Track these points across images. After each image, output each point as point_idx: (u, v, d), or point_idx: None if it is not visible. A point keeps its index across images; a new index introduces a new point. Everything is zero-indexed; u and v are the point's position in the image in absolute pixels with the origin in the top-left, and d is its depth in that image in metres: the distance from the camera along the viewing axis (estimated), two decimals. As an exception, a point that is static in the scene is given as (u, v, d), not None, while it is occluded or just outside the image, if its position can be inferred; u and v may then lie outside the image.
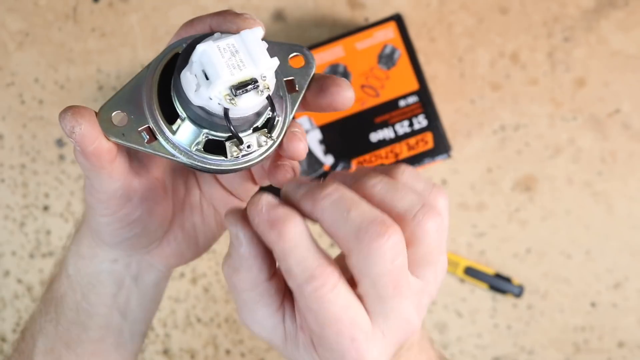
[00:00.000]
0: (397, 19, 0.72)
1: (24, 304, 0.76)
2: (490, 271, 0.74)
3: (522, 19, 0.76)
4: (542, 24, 0.76)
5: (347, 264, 0.34)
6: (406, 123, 0.71)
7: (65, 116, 0.36)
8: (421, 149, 0.71)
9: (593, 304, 0.74)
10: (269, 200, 0.34)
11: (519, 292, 0.73)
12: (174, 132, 0.37)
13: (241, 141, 0.37)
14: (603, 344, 0.74)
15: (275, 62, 0.35)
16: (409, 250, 0.34)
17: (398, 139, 0.71)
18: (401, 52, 0.71)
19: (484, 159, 0.75)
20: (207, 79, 0.34)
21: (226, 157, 0.38)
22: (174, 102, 0.37)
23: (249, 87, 0.34)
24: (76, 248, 0.48)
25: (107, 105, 0.38)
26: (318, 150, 0.71)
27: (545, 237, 0.75)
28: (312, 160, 0.71)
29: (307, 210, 0.35)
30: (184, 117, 0.37)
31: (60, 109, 0.79)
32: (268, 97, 0.36)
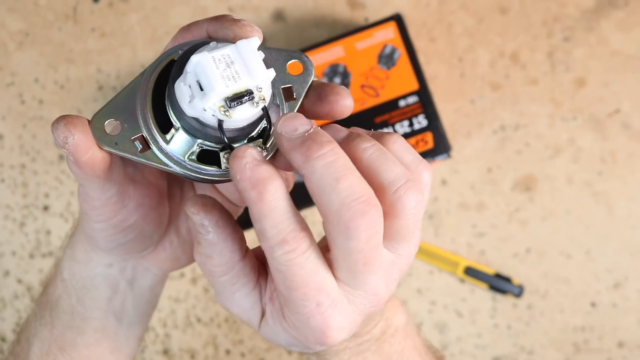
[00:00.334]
0: (397, 19, 0.72)
1: (24, 304, 0.76)
2: (490, 271, 0.74)
3: (522, 19, 0.76)
4: (542, 24, 0.76)
5: (324, 228, 0.35)
6: (406, 123, 0.71)
7: (57, 126, 0.36)
8: (421, 149, 0.71)
9: (593, 304, 0.74)
10: (253, 155, 0.33)
11: (519, 292, 0.73)
12: (167, 142, 0.37)
13: None
14: (603, 344, 0.74)
15: (272, 73, 0.34)
16: (385, 223, 0.35)
17: (398, 139, 0.71)
18: (401, 52, 0.71)
19: (484, 159, 0.75)
20: (201, 89, 0.34)
21: (220, 167, 0.37)
22: (168, 111, 0.37)
23: (244, 99, 0.34)
24: (71, 252, 0.48)
25: (100, 113, 0.37)
26: (318, 150, 0.71)
27: (545, 237, 0.75)
28: (312, 160, 0.71)
29: (296, 162, 0.34)
30: (178, 127, 0.36)
31: (60, 109, 0.79)
32: (264, 108, 0.35)
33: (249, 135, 0.37)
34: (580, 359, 0.74)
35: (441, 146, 0.71)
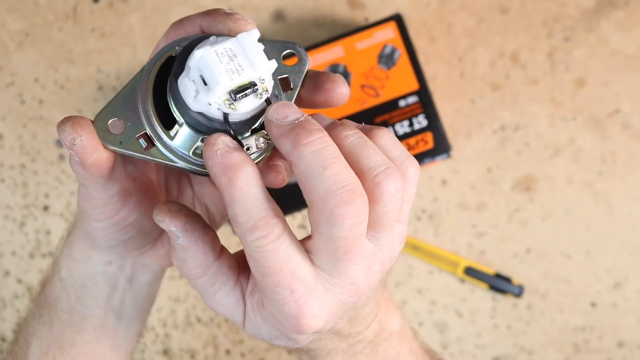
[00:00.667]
0: (397, 19, 0.72)
1: (24, 304, 0.76)
2: (490, 271, 0.74)
3: (522, 19, 0.76)
4: (542, 24, 0.76)
5: (308, 215, 0.35)
6: (406, 123, 0.71)
7: (64, 128, 0.36)
8: (421, 149, 0.71)
9: (593, 304, 0.74)
10: (225, 142, 0.34)
11: (519, 292, 0.73)
12: (172, 138, 0.37)
13: (241, 145, 0.37)
14: (603, 344, 0.74)
15: (274, 64, 0.35)
16: None
17: (398, 139, 0.71)
18: (401, 52, 0.71)
19: (484, 159, 0.75)
20: (205, 84, 0.34)
21: None
22: (170, 107, 0.37)
23: (248, 91, 0.34)
24: (68, 251, 0.47)
25: (103, 112, 0.37)
26: (318, 150, 0.71)
27: (545, 237, 0.75)
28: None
29: (284, 148, 0.34)
30: (182, 122, 0.37)
31: (60, 109, 0.79)
32: (267, 99, 0.36)
33: (252, 127, 0.37)
34: (580, 359, 0.74)
35: (441, 146, 0.71)
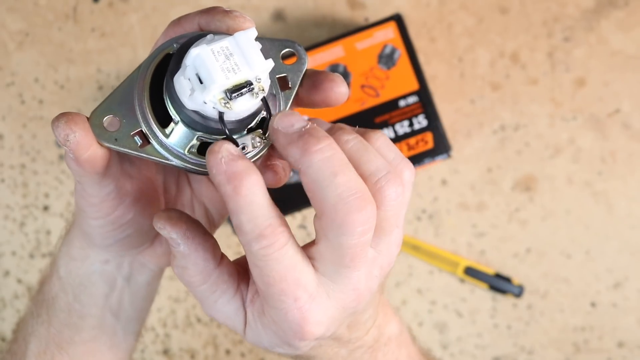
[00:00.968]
0: (397, 19, 0.72)
1: (24, 304, 0.76)
2: (490, 271, 0.74)
3: (522, 19, 0.76)
4: (542, 24, 0.76)
5: (314, 222, 0.35)
6: (406, 123, 0.71)
7: (58, 124, 0.36)
8: (421, 149, 0.71)
9: (593, 304, 0.74)
10: (229, 150, 0.33)
11: (519, 292, 0.73)
12: (167, 136, 0.37)
13: (236, 144, 0.36)
14: (603, 344, 0.74)
15: (270, 63, 0.35)
16: None
17: (398, 139, 0.71)
18: (401, 52, 0.71)
19: (484, 159, 0.75)
20: (200, 82, 0.34)
21: None
22: (167, 105, 0.37)
23: (243, 90, 0.34)
24: (67, 250, 0.47)
25: (98, 109, 0.37)
26: (318, 150, 0.71)
27: (545, 237, 0.75)
28: (312, 160, 0.71)
29: (292, 157, 0.34)
30: (178, 120, 0.36)
31: (60, 109, 0.79)
32: (263, 98, 0.35)
33: (248, 126, 0.37)
34: (580, 359, 0.74)
35: (441, 146, 0.71)
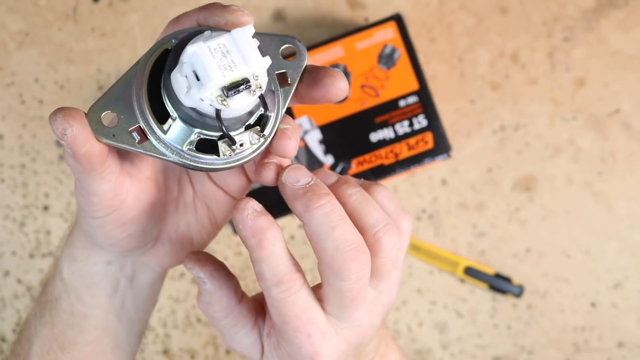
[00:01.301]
0: (397, 19, 0.72)
1: (24, 304, 0.76)
2: (490, 271, 0.74)
3: (522, 19, 0.76)
4: (542, 24, 0.76)
5: (318, 268, 0.39)
6: (406, 123, 0.71)
7: (56, 118, 0.36)
8: (421, 149, 0.71)
9: (593, 304, 0.74)
10: (254, 207, 0.38)
11: (519, 292, 0.73)
12: (165, 132, 0.37)
13: (234, 141, 0.36)
14: (603, 344, 0.74)
15: (268, 61, 0.34)
16: None
17: (398, 139, 0.71)
18: (401, 52, 0.71)
19: (484, 159, 0.75)
20: (197, 80, 0.34)
21: (218, 155, 0.37)
22: (164, 101, 0.36)
23: (241, 88, 0.34)
24: (69, 250, 0.47)
25: (96, 105, 0.37)
26: (318, 150, 0.71)
27: (545, 237, 0.75)
28: (312, 160, 0.71)
29: (297, 210, 0.38)
30: (175, 117, 0.36)
31: (60, 109, 0.79)
32: (260, 95, 0.35)
33: (246, 123, 0.37)
34: (580, 359, 0.74)
35: (441, 146, 0.71)
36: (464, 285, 0.75)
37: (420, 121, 0.71)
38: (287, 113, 0.40)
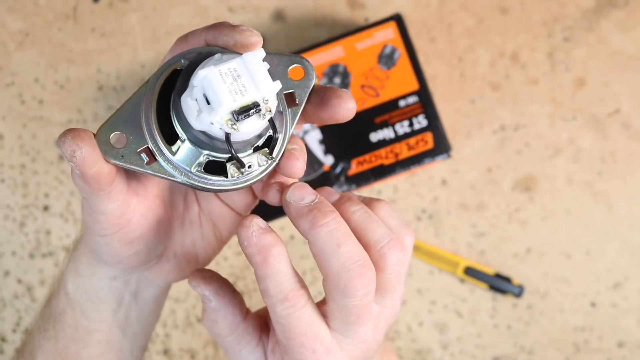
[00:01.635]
0: (397, 19, 0.72)
1: (24, 304, 0.76)
2: (490, 271, 0.74)
3: (522, 19, 0.76)
4: (542, 24, 0.76)
5: (323, 285, 0.39)
6: (406, 123, 0.71)
7: (65, 140, 0.36)
8: (421, 149, 0.71)
9: (593, 304, 0.74)
10: (259, 224, 0.38)
11: (519, 292, 0.73)
12: (173, 153, 0.37)
13: (242, 164, 0.36)
14: (603, 344, 0.74)
15: (278, 85, 0.34)
16: None
17: (398, 139, 0.71)
18: (401, 52, 0.71)
19: (484, 159, 0.75)
20: (208, 104, 0.34)
21: (227, 177, 0.37)
22: (173, 123, 0.36)
23: (251, 112, 0.34)
24: (74, 265, 0.47)
25: (105, 126, 0.37)
26: (318, 150, 0.71)
27: (545, 237, 0.75)
28: (312, 160, 0.71)
29: (302, 228, 0.38)
30: (184, 138, 0.36)
31: (60, 109, 0.79)
32: (270, 119, 0.35)
33: (255, 145, 0.37)
34: (580, 359, 0.74)
35: (441, 146, 0.71)
36: (464, 285, 0.75)
37: (420, 121, 0.71)
38: None
